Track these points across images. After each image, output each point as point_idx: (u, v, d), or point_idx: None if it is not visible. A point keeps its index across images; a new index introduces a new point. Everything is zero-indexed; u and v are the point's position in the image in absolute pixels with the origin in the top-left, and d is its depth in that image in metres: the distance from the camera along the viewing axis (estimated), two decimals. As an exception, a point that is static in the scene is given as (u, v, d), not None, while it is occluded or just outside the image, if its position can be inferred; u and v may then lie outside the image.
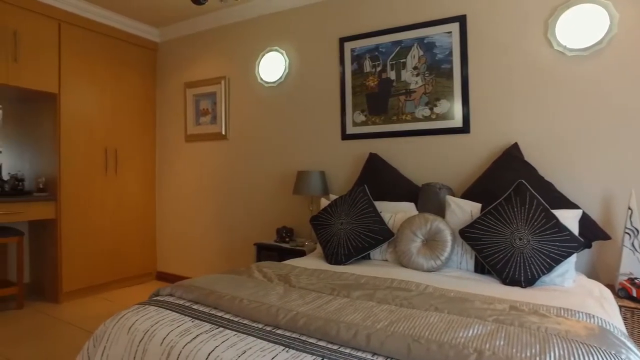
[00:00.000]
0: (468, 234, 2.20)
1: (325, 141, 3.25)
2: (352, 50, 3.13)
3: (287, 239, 3.13)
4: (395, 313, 1.43)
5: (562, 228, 1.98)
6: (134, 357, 1.42)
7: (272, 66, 3.48)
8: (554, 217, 2.01)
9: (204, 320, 1.47)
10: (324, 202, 2.83)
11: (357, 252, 2.44)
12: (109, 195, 3.80)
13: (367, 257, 2.56)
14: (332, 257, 2.47)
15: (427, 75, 2.85)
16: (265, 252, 3.11)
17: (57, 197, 3.44)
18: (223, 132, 3.73)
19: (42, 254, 3.61)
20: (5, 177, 3.66)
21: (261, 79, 3.53)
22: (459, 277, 2.11)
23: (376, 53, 3.03)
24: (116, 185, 3.86)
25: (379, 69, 3.03)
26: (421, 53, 2.86)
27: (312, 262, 2.46)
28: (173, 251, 4.16)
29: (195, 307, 1.62)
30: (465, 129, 2.70)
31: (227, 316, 1.51)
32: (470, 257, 2.25)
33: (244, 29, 3.68)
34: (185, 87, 3.99)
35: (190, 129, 3.95)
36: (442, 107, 2.79)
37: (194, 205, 3.98)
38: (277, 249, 3.04)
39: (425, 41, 2.84)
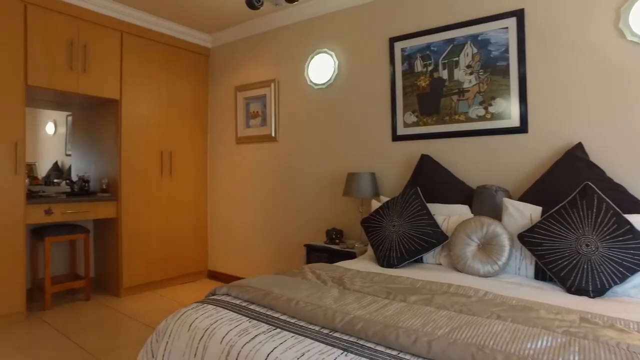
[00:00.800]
0: (528, 238, 2.10)
1: (375, 143, 3.22)
2: (403, 50, 3.08)
3: (337, 241, 3.13)
4: (455, 320, 1.39)
5: (637, 234, 1.83)
6: (195, 354, 1.47)
7: (321, 68, 3.50)
8: (627, 222, 1.86)
9: (261, 321, 1.50)
10: (375, 204, 2.81)
11: (410, 255, 2.40)
12: (164, 196, 3.98)
13: (420, 261, 2.50)
14: (384, 260, 2.44)
15: (481, 73, 2.75)
16: (315, 254, 3.13)
17: (118, 197, 3.65)
18: (273, 134, 3.80)
19: (105, 251, 3.85)
20: (74, 178, 3.94)
21: (310, 81, 3.56)
22: (519, 284, 2.01)
23: (427, 52, 2.97)
24: (171, 187, 4.04)
25: (430, 68, 2.96)
26: (475, 51, 2.76)
27: (364, 265, 2.44)
28: (223, 251, 4.28)
29: (251, 307, 1.65)
30: (522, 128, 2.58)
31: (283, 317, 1.53)
32: (530, 263, 2.14)
33: (293, 31, 3.72)
34: (235, 91, 4.10)
35: (240, 131, 4.06)
36: (497, 106, 2.68)
37: (244, 206, 4.08)
38: (327, 251, 3.05)
39: (479, 38, 2.74)
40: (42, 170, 3.86)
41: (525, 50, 2.57)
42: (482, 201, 2.52)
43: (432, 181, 2.77)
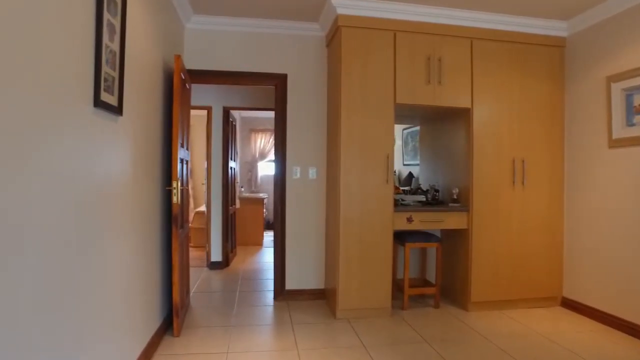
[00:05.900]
0: None
1: None
2: None
3: None
4: None
5: None
6: None
7: None
8: None
9: None
10: None
11: None
12: (515, 208, 3.63)
13: None
14: None
15: None
16: None
17: (469, 208, 3.57)
18: (678, 133, 2.82)
19: (453, 262, 3.84)
20: (424, 187, 4.16)
21: None
22: None
23: None
24: (522, 198, 3.64)
25: None
26: None
27: None
28: (585, 276, 3.53)
29: None
30: None
31: None
32: None
33: None
34: (607, 82, 3.30)
35: (617, 131, 3.22)
36: None
37: (623, 225, 3.21)
38: None
39: None
40: (394, 179, 4.26)
41: None
42: None
43: None
